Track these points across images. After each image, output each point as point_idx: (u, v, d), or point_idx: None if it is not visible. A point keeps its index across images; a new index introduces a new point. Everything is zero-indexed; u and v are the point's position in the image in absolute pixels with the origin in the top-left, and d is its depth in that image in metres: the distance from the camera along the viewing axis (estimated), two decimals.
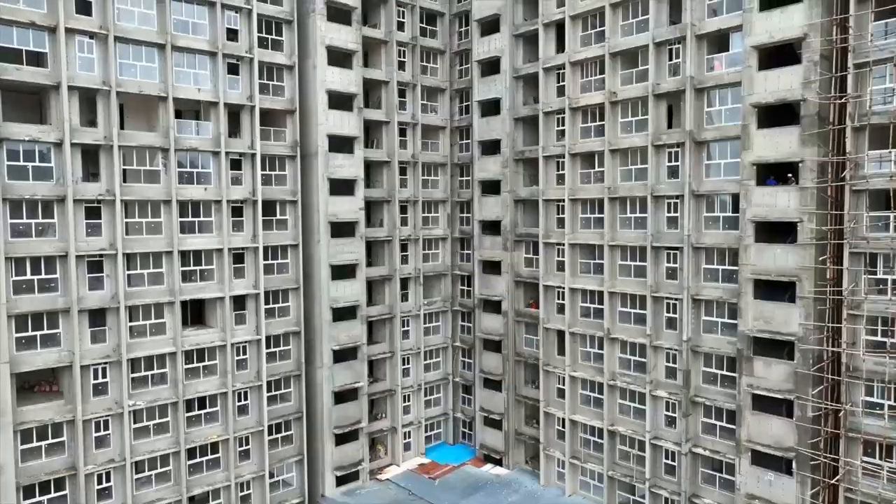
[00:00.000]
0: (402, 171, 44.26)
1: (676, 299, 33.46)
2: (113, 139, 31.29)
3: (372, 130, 43.46)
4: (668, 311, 34.18)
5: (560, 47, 38.67)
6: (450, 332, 47.17)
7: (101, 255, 31.45)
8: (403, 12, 43.50)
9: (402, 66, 43.74)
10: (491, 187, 43.08)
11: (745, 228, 30.03)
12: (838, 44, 26.94)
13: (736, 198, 31.01)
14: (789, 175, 28.70)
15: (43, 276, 30.20)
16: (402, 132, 44.18)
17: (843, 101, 26.69)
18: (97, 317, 31.67)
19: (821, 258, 27.44)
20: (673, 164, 33.64)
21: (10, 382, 29.03)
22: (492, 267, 43.43)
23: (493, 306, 43.48)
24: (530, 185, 41.55)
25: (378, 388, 43.70)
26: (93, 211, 31.38)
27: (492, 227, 43.26)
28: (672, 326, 33.98)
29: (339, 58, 39.36)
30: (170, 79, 32.82)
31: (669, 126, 34.64)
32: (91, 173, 32.14)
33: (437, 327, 46.90)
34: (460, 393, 47.42)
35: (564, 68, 37.82)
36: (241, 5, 35.34)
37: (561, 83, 38.49)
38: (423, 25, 44.71)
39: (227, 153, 35.06)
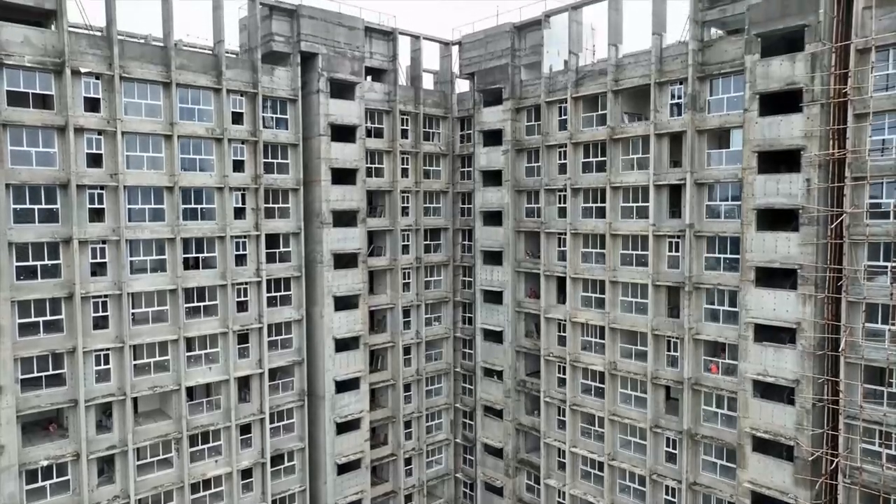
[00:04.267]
0: (406, 388, 45.26)
1: None
2: (128, 443, 32.29)
3: (375, 352, 44.39)
4: None
5: (561, 296, 39.70)
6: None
7: None
8: (407, 246, 44.50)
9: (406, 287, 44.74)
10: (494, 412, 44.08)
11: None
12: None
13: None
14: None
15: None
16: (407, 350, 45.17)
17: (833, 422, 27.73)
18: None
19: None
20: (671, 450, 34.64)
21: None
22: (495, 489, 44.43)
23: None
24: (532, 413, 42.55)
25: None
26: None
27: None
28: None
29: (345, 301, 40.36)
30: (182, 368, 33.83)
31: (667, 402, 35.64)
32: (106, 461, 33.09)
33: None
34: None
35: (566, 321, 38.85)
36: (251, 278, 36.39)
37: (562, 333, 39.51)
38: (428, 253, 45.75)
39: (237, 425, 36.06)
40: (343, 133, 39.58)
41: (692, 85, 32.00)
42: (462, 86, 46.81)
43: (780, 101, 28.92)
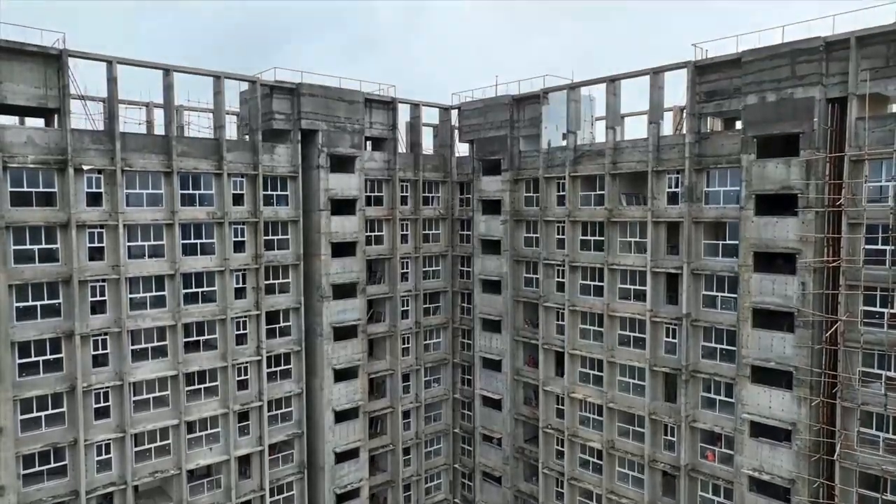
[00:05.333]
0: (406, 452, 45.50)
1: None
2: None
3: (374, 418, 44.59)
4: None
5: (560, 369, 39.92)
6: None
7: None
8: (407, 311, 44.75)
9: (405, 351, 45.00)
10: (493, 477, 44.30)
11: None
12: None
13: None
14: None
15: None
16: (406, 415, 45.40)
17: None
18: None
19: None
20: None
21: None
22: None
23: None
24: (530, 479, 42.81)
25: None
26: None
27: None
28: None
29: (345, 372, 40.61)
30: (182, 451, 34.09)
31: (664, 479, 35.82)
32: None
33: None
34: None
35: (564, 396, 39.05)
36: (251, 357, 36.66)
37: (560, 406, 39.71)
38: (427, 316, 45.98)
39: (238, 503, 36.35)
40: (343, 206, 39.87)
41: (689, 176, 32.26)
42: (462, 148, 47.11)
43: (777, 202, 29.17)
